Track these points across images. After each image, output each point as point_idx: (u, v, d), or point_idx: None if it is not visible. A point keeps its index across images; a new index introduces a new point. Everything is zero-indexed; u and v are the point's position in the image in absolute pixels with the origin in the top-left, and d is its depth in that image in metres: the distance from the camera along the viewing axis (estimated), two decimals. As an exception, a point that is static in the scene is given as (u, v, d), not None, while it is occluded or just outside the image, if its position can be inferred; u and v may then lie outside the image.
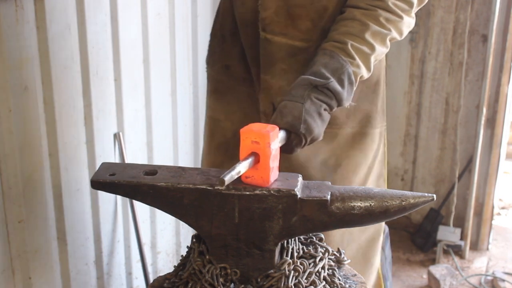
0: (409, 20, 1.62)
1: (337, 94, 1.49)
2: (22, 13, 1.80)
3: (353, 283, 1.48)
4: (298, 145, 1.46)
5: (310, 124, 1.44)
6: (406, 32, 1.64)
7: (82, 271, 2.22)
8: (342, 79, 1.50)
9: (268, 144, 1.29)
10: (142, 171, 1.40)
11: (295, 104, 1.44)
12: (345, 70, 1.50)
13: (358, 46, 1.53)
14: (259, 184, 1.32)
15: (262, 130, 1.30)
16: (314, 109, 1.46)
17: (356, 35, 1.54)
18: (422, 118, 3.69)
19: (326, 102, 1.48)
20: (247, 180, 1.33)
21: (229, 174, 1.24)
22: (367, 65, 1.56)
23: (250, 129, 1.31)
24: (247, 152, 1.31)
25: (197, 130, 2.87)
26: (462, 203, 3.64)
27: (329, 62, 1.50)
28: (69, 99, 2.05)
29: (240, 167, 1.26)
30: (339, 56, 1.51)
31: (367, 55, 1.54)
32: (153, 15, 2.41)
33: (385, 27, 1.56)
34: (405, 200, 1.34)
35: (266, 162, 1.30)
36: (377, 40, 1.56)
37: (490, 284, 3.35)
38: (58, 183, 2.04)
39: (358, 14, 1.56)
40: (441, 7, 3.45)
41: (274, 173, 1.34)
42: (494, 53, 3.35)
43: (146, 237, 2.58)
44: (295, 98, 1.45)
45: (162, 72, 2.53)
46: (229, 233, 1.35)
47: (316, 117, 1.46)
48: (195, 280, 1.36)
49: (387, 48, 1.60)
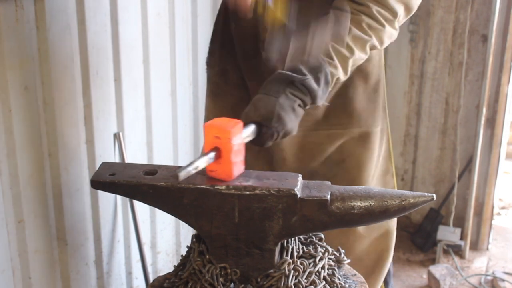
0: (391, 31, 1.63)
1: (312, 92, 1.49)
2: (22, 13, 1.80)
3: (353, 283, 1.48)
4: (270, 138, 1.46)
5: (283, 117, 1.44)
6: (386, 42, 1.65)
7: (82, 271, 2.22)
8: (319, 77, 1.50)
9: (229, 139, 1.30)
10: (142, 171, 1.40)
11: (270, 98, 1.45)
12: (323, 69, 1.51)
13: (338, 48, 1.54)
14: (223, 178, 1.33)
15: (224, 126, 1.31)
16: (288, 103, 1.46)
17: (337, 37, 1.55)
18: (422, 118, 3.69)
19: (301, 98, 1.48)
20: (212, 174, 1.34)
21: (185, 169, 1.26)
22: (344, 68, 1.57)
23: (212, 124, 1.33)
24: (210, 147, 1.32)
25: (197, 130, 2.87)
26: (462, 203, 3.64)
27: (308, 60, 1.51)
28: (69, 99, 2.05)
29: (198, 162, 1.28)
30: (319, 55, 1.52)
31: (346, 58, 1.56)
32: (153, 15, 2.41)
33: (366, 33, 1.58)
34: (405, 200, 1.34)
35: (228, 157, 1.31)
36: (357, 44, 1.57)
37: (490, 284, 3.35)
38: (58, 183, 2.04)
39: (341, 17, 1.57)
40: (441, 7, 3.45)
41: (238, 167, 1.35)
42: (494, 53, 3.35)
43: (146, 237, 2.58)
44: (270, 92, 1.46)
45: (162, 72, 2.53)
46: (229, 233, 1.35)
47: (290, 111, 1.46)
48: (195, 280, 1.36)
49: (366, 55, 1.61)
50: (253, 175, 1.38)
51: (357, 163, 1.89)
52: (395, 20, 1.61)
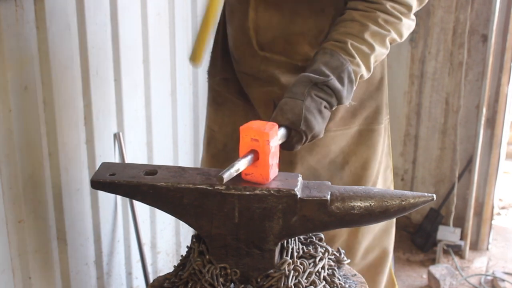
0: (409, 22, 1.63)
1: (337, 92, 1.49)
2: (22, 13, 1.80)
3: (353, 283, 1.48)
4: (298, 142, 1.46)
5: (310, 121, 1.44)
6: (406, 34, 1.65)
7: (82, 271, 2.22)
8: (342, 77, 1.50)
9: (267, 141, 1.29)
10: (142, 171, 1.40)
11: (296, 101, 1.45)
12: (345, 69, 1.51)
13: (357, 46, 1.54)
14: (259, 181, 1.32)
15: (261, 128, 1.31)
16: (315, 106, 1.46)
17: (355, 35, 1.55)
18: (422, 118, 3.69)
19: (326, 99, 1.48)
20: (247, 177, 1.33)
21: (227, 172, 1.24)
22: (367, 64, 1.56)
23: (249, 126, 1.32)
24: (246, 150, 1.31)
25: (197, 130, 2.87)
26: (462, 203, 3.64)
27: (329, 60, 1.51)
28: (69, 99, 2.05)
29: (238, 165, 1.27)
30: (339, 55, 1.52)
31: (366, 54, 1.55)
32: (153, 15, 2.41)
33: (384, 28, 1.57)
34: (405, 200, 1.34)
35: (265, 159, 1.30)
36: (376, 40, 1.57)
37: (490, 284, 3.35)
38: (58, 183, 2.04)
39: (357, 15, 1.58)
40: (441, 7, 3.45)
41: (274, 170, 1.34)
42: (494, 53, 3.35)
43: (146, 237, 2.58)
44: (296, 95, 1.46)
45: (162, 72, 2.53)
46: (229, 233, 1.35)
47: (317, 114, 1.46)
48: (195, 280, 1.36)
49: (387, 49, 1.61)
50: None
51: (361, 163, 1.89)
52: (411, 12, 1.62)
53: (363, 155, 1.88)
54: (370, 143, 1.88)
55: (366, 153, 1.88)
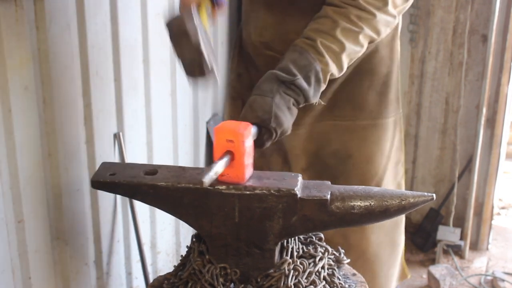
0: (386, 18, 1.60)
1: (303, 91, 1.49)
2: (22, 13, 1.80)
3: (352, 283, 1.48)
4: (268, 139, 1.46)
5: (280, 118, 1.44)
6: (384, 30, 1.63)
7: (82, 271, 2.22)
8: (309, 76, 1.50)
9: (242, 142, 1.30)
10: (142, 171, 1.40)
11: (265, 98, 1.45)
12: (313, 68, 1.50)
13: (327, 44, 1.53)
14: (235, 182, 1.33)
15: (235, 129, 1.31)
16: (283, 103, 1.46)
17: (326, 33, 1.54)
18: (422, 118, 3.69)
19: (294, 97, 1.49)
20: (223, 178, 1.33)
21: (207, 175, 1.24)
22: (337, 63, 1.55)
23: (223, 127, 1.32)
24: (221, 151, 1.31)
25: (197, 130, 2.87)
26: (462, 203, 3.64)
27: (298, 58, 1.51)
28: (69, 99, 2.05)
29: (217, 167, 1.27)
30: (308, 53, 1.51)
31: (337, 53, 1.54)
32: (153, 15, 2.41)
33: (356, 25, 1.55)
34: (405, 200, 1.34)
35: (241, 160, 1.31)
36: (348, 38, 1.55)
37: (490, 284, 3.35)
38: (58, 183, 2.04)
39: (330, 11, 1.57)
40: (441, 7, 3.45)
41: (249, 169, 1.35)
42: (494, 53, 3.35)
43: (146, 237, 2.58)
44: (264, 92, 1.46)
45: (162, 72, 2.53)
46: (229, 232, 1.35)
47: (286, 111, 1.46)
48: (195, 280, 1.36)
49: (361, 47, 1.59)
50: (254, 175, 1.38)
51: (365, 157, 1.89)
52: (387, 7, 1.58)
53: (367, 150, 1.89)
54: (375, 138, 1.88)
55: (371, 148, 1.89)
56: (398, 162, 2.00)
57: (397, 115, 1.93)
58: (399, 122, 1.95)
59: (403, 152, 2.02)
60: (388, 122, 1.90)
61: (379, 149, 1.90)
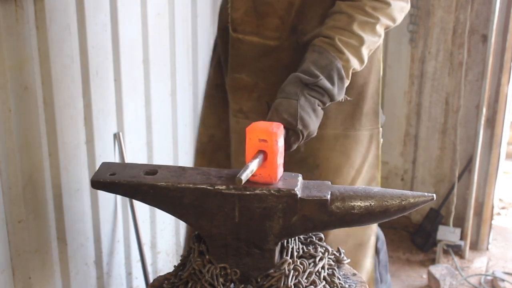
0: (400, 4, 1.60)
1: (328, 91, 1.49)
2: (22, 13, 1.80)
3: (352, 283, 1.48)
4: (295, 141, 1.46)
5: (306, 120, 1.45)
6: (399, 17, 1.62)
7: (82, 271, 2.22)
8: (331, 75, 1.50)
9: (275, 141, 1.30)
10: (143, 170, 1.40)
11: (290, 101, 1.45)
12: (334, 66, 1.50)
13: (346, 40, 1.53)
14: (267, 182, 1.32)
15: (268, 128, 1.31)
16: (309, 105, 1.46)
17: (343, 28, 1.54)
18: (422, 118, 3.69)
19: (319, 98, 1.49)
20: (255, 178, 1.32)
21: (244, 173, 1.25)
22: (358, 56, 1.55)
23: (256, 127, 1.32)
24: (254, 151, 1.31)
25: (197, 130, 2.87)
26: (462, 203, 3.63)
27: (318, 59, 1.51)
28: (69, 99, 2.05)
29: (252, 166, 1.27)
30: (328, 52, 1.51)
31: (356, 47, 1.54)
32: (153, 15, 2.41)
33: (372, 16, 1.55)
34: (405, 200, 1.34)
35: (274, 159, 1.31)
36: (365, 30, 1.55)
37: (490, 284, 3.35)
38: (58, 183, 2.04)
39: (344, 6, 1.56)
40: (441, 7, 3.45)
41: (280, 169, 1.34)
42: (494, 53, 3.34)
43: (146, 237, 2.58)
44: (289, 95, 1.46)
45: (162, 72, 2.53)
46: (229, 232, 1.35)
47: (311, 113, 1.47)
48: (195, 280, 1.36)
49: (379, 37, 1.59)
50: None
51: (332, 168, 1.82)
52: None
53: (335, 161, 1.82)
54: (344, 149, 1.82)
55: (339, 159, 1.82)
56: (372, 180, 1.91)
57: (374, 130, 1.85)
58: (376, 137, 1.86)
59: (379, 171, 1.93)
60: (361, 134, 1.82)
61: (348, 160, 1.83)
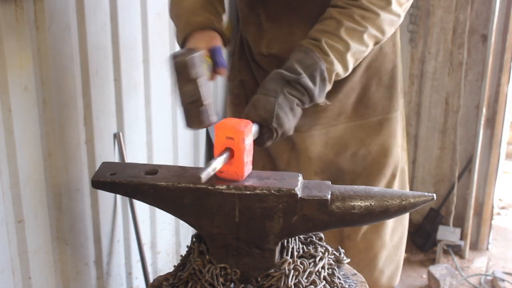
0: (389, 17, 1.60)
1: (308, 90, 1.49)
2: (22, 13, 1.80)
3: (352, 283, 1.48)
4: (269, 138, 1.47)
5: (281, 118, 1.45)
6: (388, 30, 1.63)
7: (81, 271, 2.22)
8: (314, 75, 1.50)
9: (242, 140, 1.30)
10: (143, 170, 1.40)
11: (268, 98, 1.45)
12: (318, 67, 1.51)
13: (332, 43, 1.53)
14: (233, 179, 1.33)
15: (236, 126, 1.31)
16: (287, 104, 1.46)
17: (331, 33, 1.55)
18: (422, 118, 3.69)
19: (299, 97, 1.49)
20: (222, 175, 1.33)
21: (205, 171, 1.25)
22: (343, 62, 1.55)
23: (224, 124, 1.32)
24: (221, 148, 1.32)
25: (197, 130, 2.87)
26: (462, 203, 3.64)
27: (303, 58, 1.51)
28: (69, 99, 2.05)
29: (215, 164, 1.28)
30: (313, 53, 1.52)
31: (342, 52, 1.54)
32: (153, 15, 2.41)
33: (360, 24, 1.56)
34: (405, 200, 1.34)
35: (241, 157, 1.31)
36: (353, 37, 1.55)
37: (490, 284, 3.35)
38: (58, 183, 2.04)
39: (334, 12, 1.57)
40: (441, 7, 3.45)
41: (248, 167, 1.35)
42: (494, 53, 3.35)
43: (146, 237, 2.58)
44: (269, 92, 1.46)
45: (162, 72, 2.53)
46: (230, 232, 1.35)
47: (288, 111, 1.47)
48: (195, 280, 1.36)
49: (366, 47, 1.59)
50: (254, 174, 1.38)
51: (383, 151, 1.93)
52: (390, 6, 1.58)
53: (384, 144, 1.93)
54: (389, 131, 1.93)
55: (388, 141, 1.93)
56: (401, 148, 2.04)
57: (401, 104, 1.99)
58: (402, 110, 2.00)
59: (405, 138, 2.06)
60: (397, 115, 1.95)
61: (394, 141, 1.95)
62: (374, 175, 1.94)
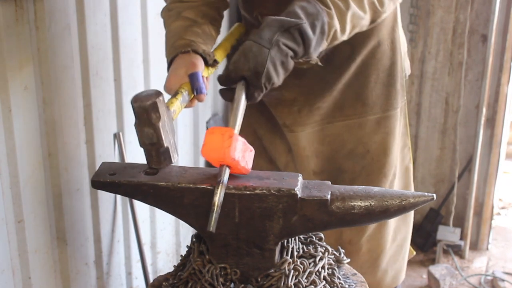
0: None
1: (306, 39, 1.42)
2: (22, 13, 1.80)
3: (352, 283, 1.48)
4: (258, 94, 1.40)
5: (271, 73, 1.37)
6: (388, 4, 1.60)
7: (82, 271, 2.22)
8: (315, 24, 1.44)
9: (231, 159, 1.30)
10: (143, 170, 1.40)
11: (261, 49, 1.37)
12: (320, 17, 1.45)
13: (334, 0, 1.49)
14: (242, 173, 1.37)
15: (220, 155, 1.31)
16: (279, 56, 1.38)
17: None
18: (422, 118, 3.69)
19: (293, 48, 1.41)
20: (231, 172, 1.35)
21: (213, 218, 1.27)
22: (342, 22, 1.51)
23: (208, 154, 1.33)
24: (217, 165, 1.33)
25: (197, 130, 2.87)
26: (462, 203, 3.64)
27: (307, 5, 1.45)
28: (69, 99, 2.05)
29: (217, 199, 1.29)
30: (317, 3, 1.47)
31: (342, 11, 1.50)
32: (153, 15, 2.41)
33: None
34: (405, 200, 1.34)
35: (237, 168, 1.34)
36: None
37: (490, 284, 3.36)
38: (58, 183, 2.04)
39: None
40: (441, 7, 3.45)
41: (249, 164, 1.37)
42: (494, 53, 3.35)
43: (146, 237, 2.58)
44: (262, 41, 1.38)
45: (162, 72, 2.52)
46: (230, 232, 1.35)
47: (279, 65, 1.39)
48: (195, 280, 1.36)
49: (364, 13, 1.55)
50: (254, 174, 1.38)
51: (383, 149, 1.92)
52: None
53: (383, 142, 1.91)
54: (388, 129, 1.91)
55: (386, 139, 1.91)
56: (404, 146, 2.02)
57: (403, 103, 1.95)
58: (404, 108, 1.97)
59: (409, 137, 2.04)
60: (396, 112, 1.93)
61: (393, 139, 1.93)
62: (374, 175, 1.93)
